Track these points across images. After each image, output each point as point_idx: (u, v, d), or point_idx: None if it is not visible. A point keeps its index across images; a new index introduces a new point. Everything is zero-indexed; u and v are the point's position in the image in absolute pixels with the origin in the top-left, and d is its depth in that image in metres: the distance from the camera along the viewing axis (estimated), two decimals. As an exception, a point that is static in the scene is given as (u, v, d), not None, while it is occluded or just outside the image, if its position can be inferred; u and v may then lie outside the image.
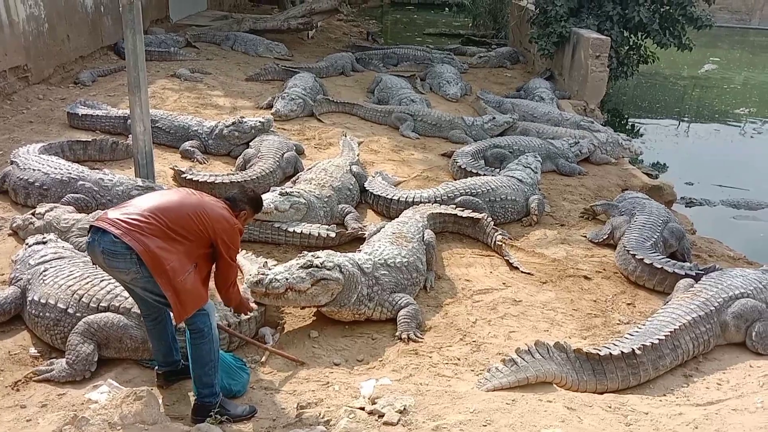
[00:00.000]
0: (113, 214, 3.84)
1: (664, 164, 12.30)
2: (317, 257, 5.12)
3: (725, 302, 5.18)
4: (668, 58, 17.48)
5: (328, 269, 5.02)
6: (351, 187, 7.53)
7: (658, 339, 4.75)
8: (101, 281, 4.65)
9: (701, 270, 6.00)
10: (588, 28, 13.70)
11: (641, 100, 17.17)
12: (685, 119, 15.85)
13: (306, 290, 4.94)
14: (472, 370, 4.78)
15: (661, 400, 4.48)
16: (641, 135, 14.30)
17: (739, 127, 15.18)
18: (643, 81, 17.92)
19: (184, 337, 4.19)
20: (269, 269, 5.16)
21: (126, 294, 4.49)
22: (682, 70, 20.06)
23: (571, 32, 13.87)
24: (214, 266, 4.04)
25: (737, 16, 28.45)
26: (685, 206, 9.79)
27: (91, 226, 3.85)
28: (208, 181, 7.34)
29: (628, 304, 6.01)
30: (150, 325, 4.21)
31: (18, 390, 4.20)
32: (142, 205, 3.88)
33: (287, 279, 4.89)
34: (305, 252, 5.28)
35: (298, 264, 5.04)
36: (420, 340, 5.14)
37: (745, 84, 19.40)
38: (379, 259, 5.53)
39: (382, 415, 3.88)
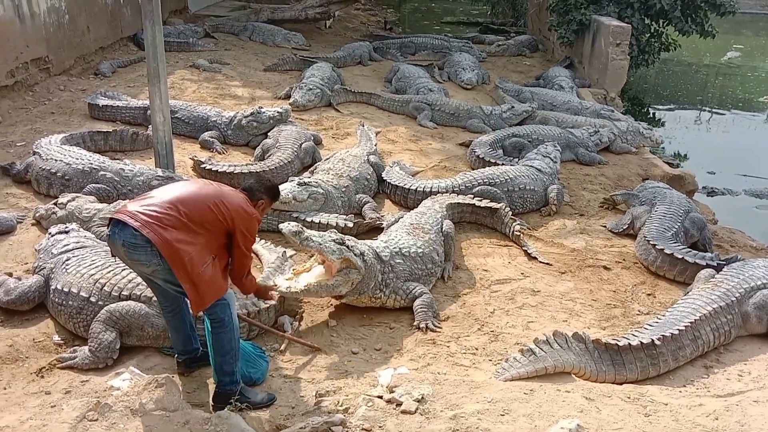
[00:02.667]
0: (133, 206, 3.87)
1: (686, 153, 12.15)
2: (348, 239, 5.15)
3: (747, 293, 5.12)
4: (690, 45, 17.23)
5: (356, 254, 5.05)
6: (369, 176, 7.53)
7: (678, 329, 4.71)
8: (123, 270, 4.71)
9: (723, 260, 5.94)
10: (608, 15, 13.53)
11: (662, 88, 16.93)
12: (708, 108, 15.60)
13: (332, 270, 4.96)
14: (490, 360, 4.78)
15: (680, 391, 4.45)
16: (662, 124, 14.11)
17: (763, 115, 14.92)
18: (664, 69, 17.66)
19: (203, 326, 4.24)
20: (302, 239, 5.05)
21: (147, 283, 4.57)
22: (704, 57, 19.73)
23: (591, 20, 13.70)
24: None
25: (762, 2, 27.88)
26: (707, 196, 9.66)
27: (110, 219, 3.89)
28: (227, 171, 7.38)
29: (648, 294, 5.96)
30: (168, 316, 4.26)
31: (42, 377, 4.29)
32: (161, 196, 3.91)
33: (320, 243, 4.91)
34: (334, 230, 5.31)
35: (330, 237, 5.05)
36: (438, 329, 5.15)
37: (770, 72, 19.05)
38: (394, 248, 5.55)
39: (400, 404, 3.90)
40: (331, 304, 5.42)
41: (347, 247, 5.04)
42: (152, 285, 4.14)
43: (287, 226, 4.93)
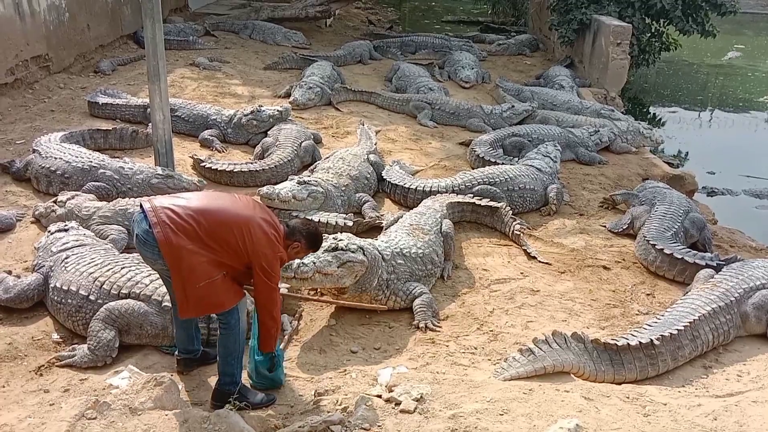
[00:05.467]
0: (160, 201, 3.88)
1: (686, 153, 12.13)
2: (340, 240, 5.13)
3: (746, 293, 5.13)
4: (691, 45, 17.19)
5: (353, 252, 5.04)
6: (368, 176, 7.52)
7: (678, 329, 4.71)
8: (122, 268, 4.71)
9: (722, 261, 5.93)
10: (609, 14, 13.50)
11: (663, 88, 16.91)
12: (708, 108, 15.58)
13: (333, 272, 4.96)
14: (489, 360, 4.78)
15: (679, 391, 4.45)
16: (663, 124, 14.10)
17: (764, 115, 14.91)
18: (665, 69, 17.62)
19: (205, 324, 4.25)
20: None
21: (146, 281, 4.59)
22: (705, 57, 19.69)
23: (591, 19, 13.69)
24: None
25: (763, 1, 27.83)
26: (707, 196, 9.66)
27: (141, 204, 3.91)
28: (227, 170, 7.39)
29: (648, 294, 5.96)
30: (176, 312, 4.24)
31: (41, 375, 4.29)
32: (190, 202, 3.88)
33: (314, 263, 4.90)
34: (326, 235, 5.29)
35: (322, 247, 5.05)
36: (438, 329, 5.15)
37: (770, 72, 19.01)
38: (395, 248, 5.55)
39: (399, 403, 3.90)
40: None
41: (342, 249, 5.03)
42: (163, 280, 4.15)
43: None
